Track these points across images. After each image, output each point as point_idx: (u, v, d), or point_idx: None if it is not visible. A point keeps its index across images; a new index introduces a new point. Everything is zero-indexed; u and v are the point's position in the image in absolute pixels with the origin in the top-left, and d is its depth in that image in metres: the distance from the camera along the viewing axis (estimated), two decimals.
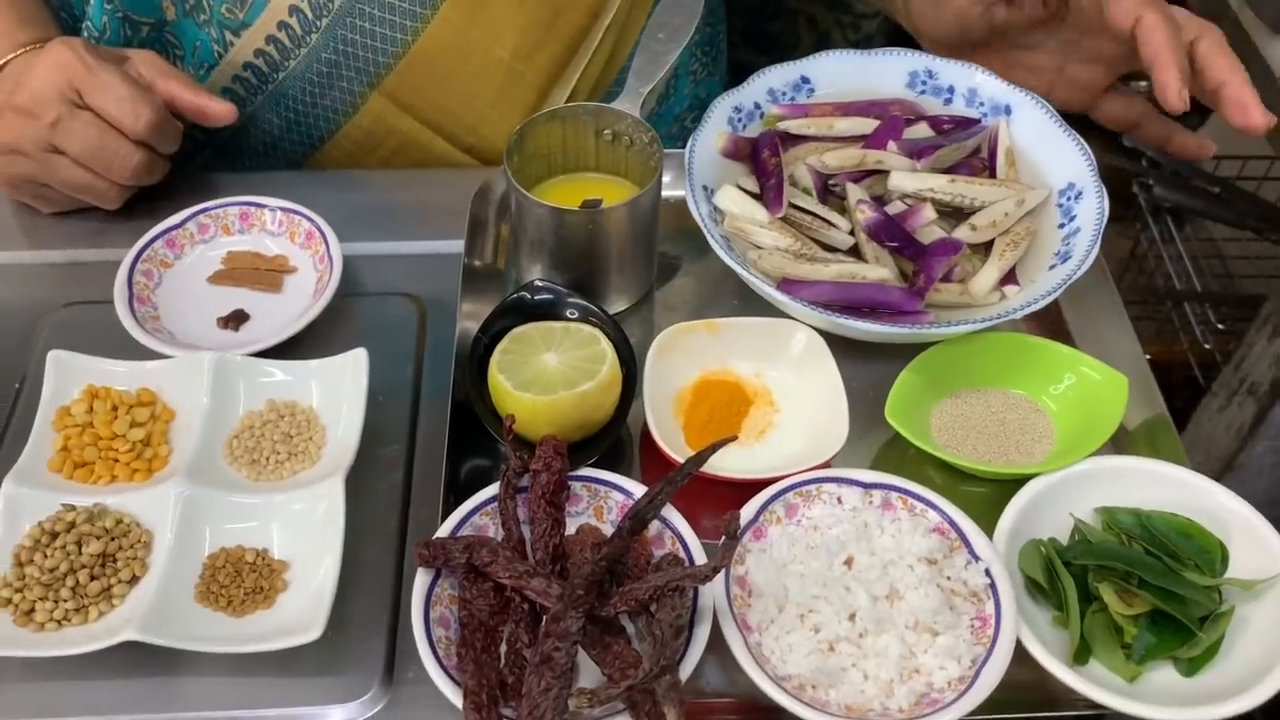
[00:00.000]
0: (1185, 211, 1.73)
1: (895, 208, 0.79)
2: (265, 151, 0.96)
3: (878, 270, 0.73)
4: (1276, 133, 1.34)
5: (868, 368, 0.77)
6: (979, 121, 0.85)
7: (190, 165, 0.95)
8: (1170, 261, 1.72)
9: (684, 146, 1.13)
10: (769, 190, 0.79)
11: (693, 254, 0.86)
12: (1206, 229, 1.79)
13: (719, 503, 0.70)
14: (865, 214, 0.75)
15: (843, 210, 0.80)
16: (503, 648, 0.62)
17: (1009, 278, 0.77)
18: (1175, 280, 1.70)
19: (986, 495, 0.72)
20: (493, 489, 0.67)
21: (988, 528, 0.67)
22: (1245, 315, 1.65)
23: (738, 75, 1.30)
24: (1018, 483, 0.69)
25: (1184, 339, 1.67)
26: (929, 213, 0.78)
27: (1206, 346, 1.61)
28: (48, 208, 0.89)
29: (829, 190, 0.81)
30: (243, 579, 0.69)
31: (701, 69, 1.08)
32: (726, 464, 0.68)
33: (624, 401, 0.71)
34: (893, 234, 0.75)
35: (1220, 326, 1.62)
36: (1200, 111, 2.17)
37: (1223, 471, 1.57)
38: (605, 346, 0.70)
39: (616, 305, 0.81)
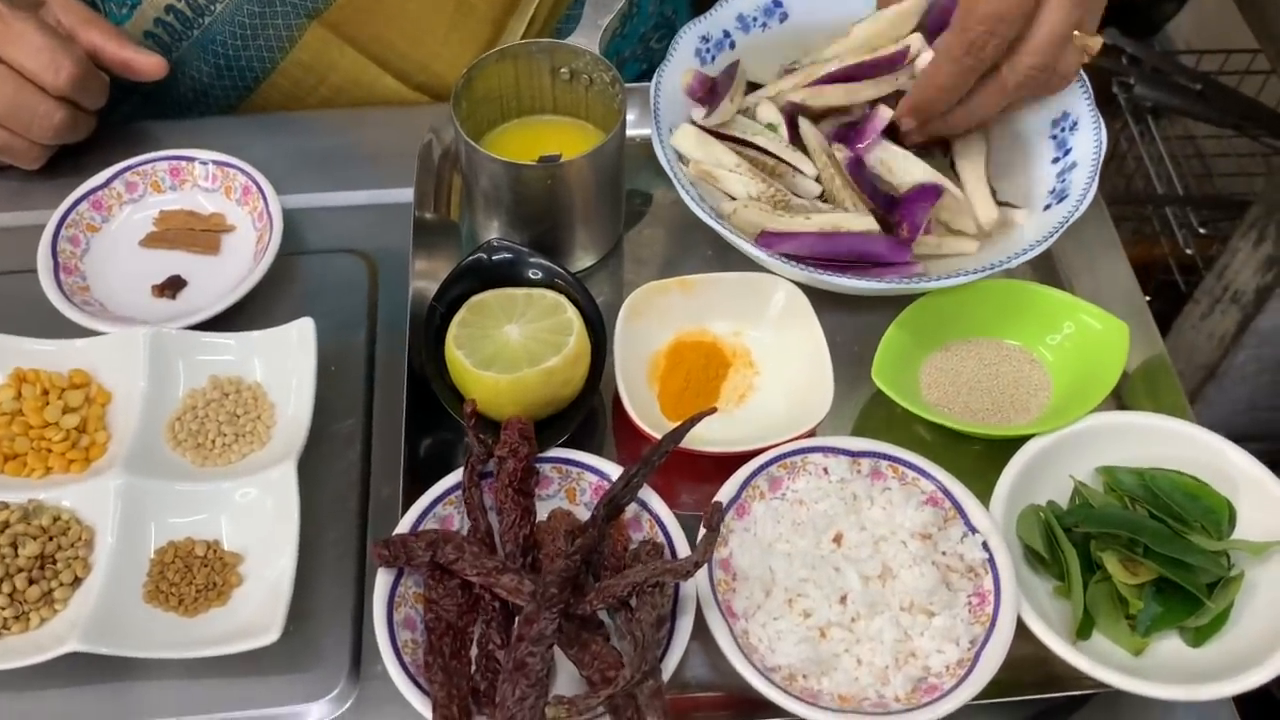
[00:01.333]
0: (1166, 110, 1.68)
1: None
2: (195, 99, 0.89)
3: (861, 220, 0.68)
4: (1260, 26, 1.29)
5: (852, 318, 0.72)
6: None
7: (114, 115, 0.87)
8: (1151, 162, 1.68)
9: (649, 70, 1.06)
10: (715, 111, 0.73)
11: (661, 197, 0.81)
12: (1186, 126, 1.75)
13: (698, 475, 0.66)
14: (844, 153, 0.69)
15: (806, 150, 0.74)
16: (473, 650, 0.58)
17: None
18: (1156, 182, 1.66)
19: (981, 452, 0.68)
20: (456, 476, 0.62)
21: (984, 486, 0.63)
22: (1227, 217, 1.62)
23: None
24: (1014, 440, 0.65)
25: (1165, 242, 1.64)
26: (884, 113, 0.71)
27: (1188, 252, 1.58)
28: None
29: (797, 133, 0.75)
30: (194, 575, 0.65)
31: None
32: (706, 435, 0.64)
33: (594, 371, 0.66)
34: (862, 182, 0.70)
35: (1201, 231, 1.58)
36: None
37: (1205, 379, 1.55)
38: (571, 315, 0.65)
39: (582, 261, 0.75)
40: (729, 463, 0.64)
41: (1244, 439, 0.64)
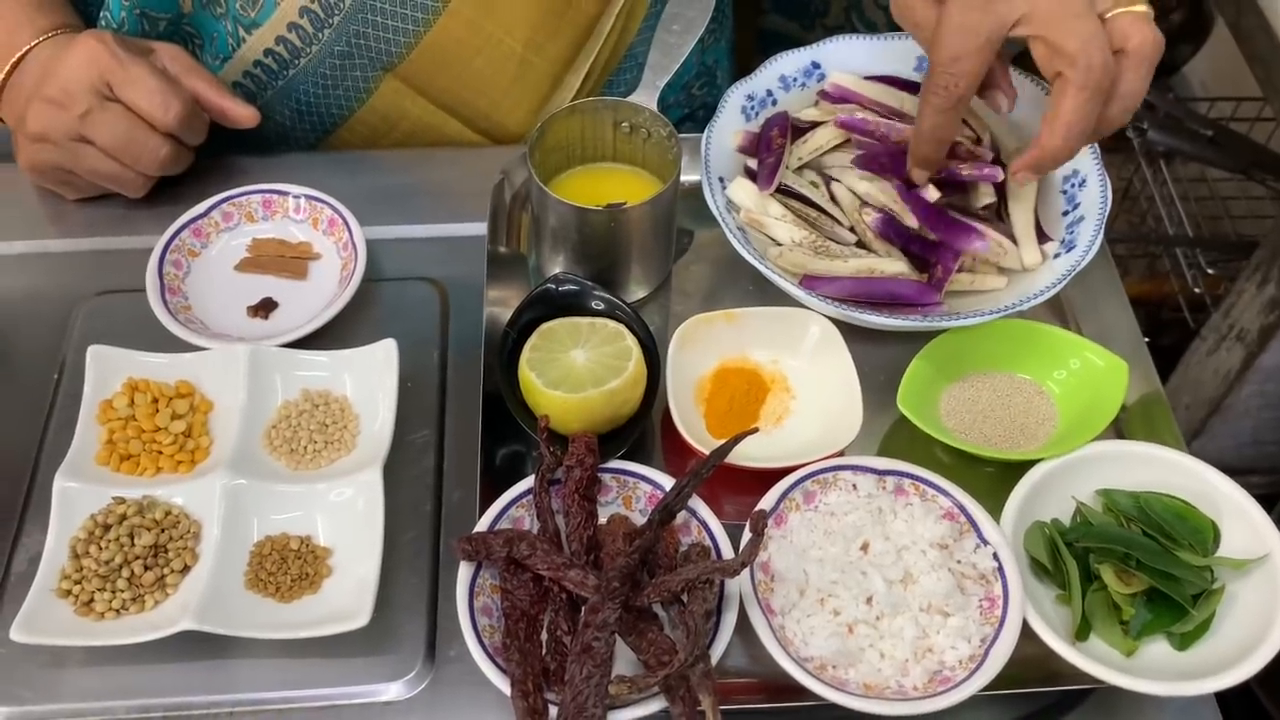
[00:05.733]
0: (1178, 155, 1.75)
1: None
2: (278, 139, 0.97)
3: (894, 264, 0.76)
4: (1266, 77, 1.36)
5: (880, 349, 0.80)
6: None
7: (207, 149, 0.96)
8: (1162, 203, 1.75)
9: (691, 114, 1.15)
10: (764, 167, 0.81)
11: (708, 236, 0.88)
12: (1199, 168, 1.81)
13: (741, 487, 0.74)
14: (871, 215, 0.78)
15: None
16: (544, 635, 0.66)
17: (1041, 234, 0.79)
18: (1167, 223, 1.73)
19: (994, 474, 0.75)
20: (527, 482, 0.70)
21: (995, 503, 0.71)
22: (1234, 257, 1.69)
23: (766, 43, 1.30)
24: (1023, 463, 0.73)
25: (1175, 281, 1.71)
26: (932, 192, 0.80)
27: (1197, 291, 1.65)
28: (73, 194, 0.91)
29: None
30: (289, 566, 0.72)
31: (708, 35, 1.09)
32: (747, 452, 0.72)
33: (649, 392, 0.74)
34: (898, 233, 0.78)
35: (1210, 271, 1.65)
36: (1194, 40, 2.15)
37: (1210, 414, 1.61)
38: (630, 342, 0.73)
39: (636, 293, 0.83)
40: (768, 477, 0.71)
41: (1248, 472, 0.71)
